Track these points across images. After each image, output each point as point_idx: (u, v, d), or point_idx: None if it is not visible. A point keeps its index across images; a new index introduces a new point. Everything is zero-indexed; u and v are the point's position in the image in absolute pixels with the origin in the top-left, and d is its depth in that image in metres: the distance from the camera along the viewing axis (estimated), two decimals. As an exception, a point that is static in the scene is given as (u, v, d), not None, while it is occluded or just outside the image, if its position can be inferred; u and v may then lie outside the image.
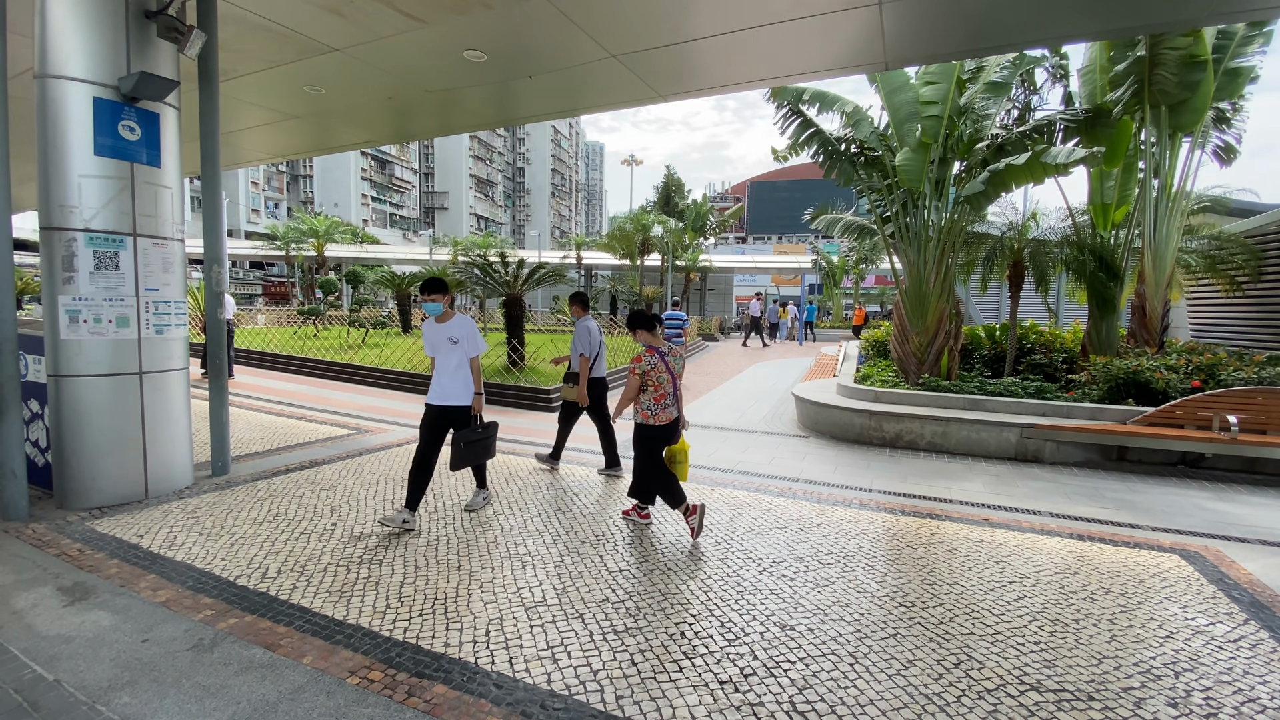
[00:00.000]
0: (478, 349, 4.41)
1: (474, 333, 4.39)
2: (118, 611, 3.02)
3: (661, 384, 4.19)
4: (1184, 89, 8.07)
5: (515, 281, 13.08)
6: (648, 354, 4.25)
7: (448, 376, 4.34)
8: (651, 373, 4.18)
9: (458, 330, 4.37)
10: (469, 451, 4.35)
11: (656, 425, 4.20)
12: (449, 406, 4.34)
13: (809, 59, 6.01)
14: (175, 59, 4.78)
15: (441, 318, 4.42)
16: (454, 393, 4.34)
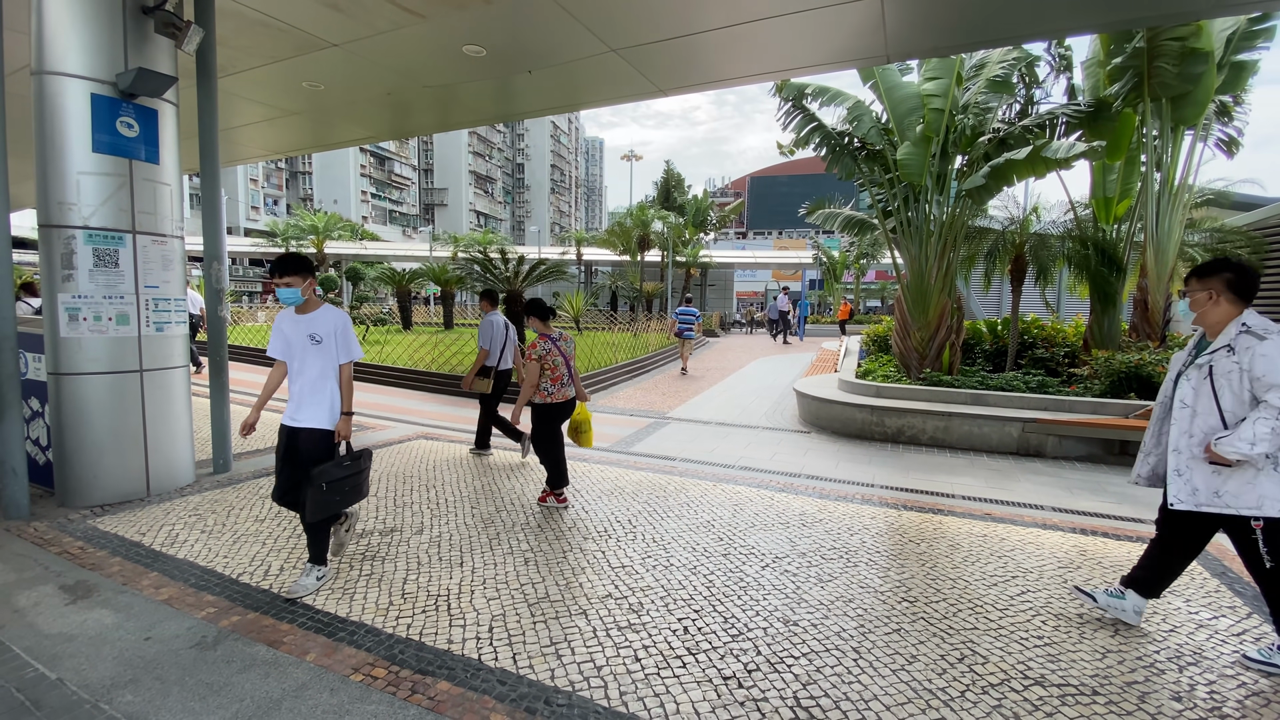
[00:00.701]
0: (350, 353, 3.35)
1: (346, 330, 3.33)
2: (120, 610, 3.02)
3: (556, 366, 4.56)
4: (1185, 81, 8.04)
5: (515, 278, 13.07)
6: (541, 340, 4.57)
7: (307, 389, 3.25)
8: (546, 357, 4.53)
9: (323, 325, 3.29)
10: (331, 494, 3.17)
11: (553, 404, 4.60)
12: (304, 430, 3.24)
13: (810, 52, 5.98)
14: (173, 55, 4.75)
15: (303, 308, 3.34)
16: (312, 411, 3.24)
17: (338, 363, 3.32)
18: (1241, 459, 2.55)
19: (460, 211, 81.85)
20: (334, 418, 3.28)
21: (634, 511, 4.56)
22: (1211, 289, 2.71)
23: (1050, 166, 7.51)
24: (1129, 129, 8.65)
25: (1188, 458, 2.72)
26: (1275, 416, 2.49)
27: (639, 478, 5.45)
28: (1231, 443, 2.55)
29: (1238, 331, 2.64)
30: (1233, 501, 2.62)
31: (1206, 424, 2.69)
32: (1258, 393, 2.57)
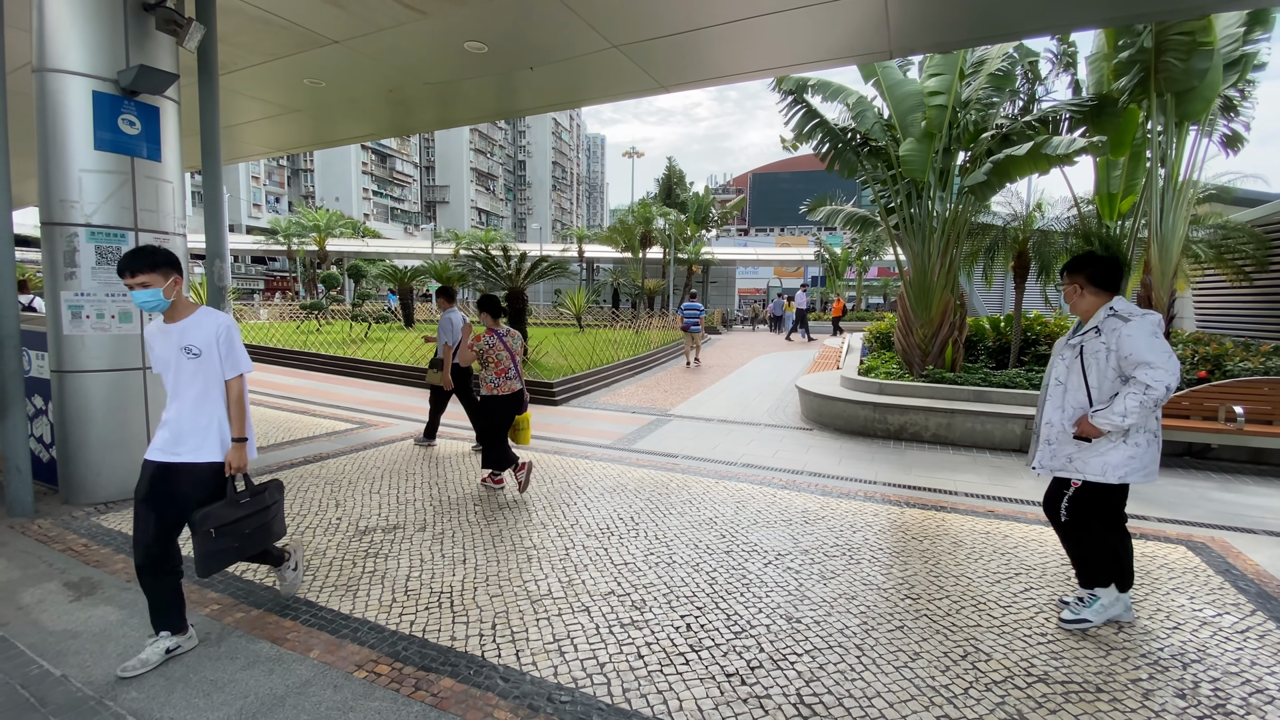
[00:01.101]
0: (238, 366, 2.72)
1: (230, 337, 2.71)
2: (124, 606, 3.02)
3: (501, 360, 4.80)
4: (1191, 77, 7.98)
5: (517, 275, 13.06)
6: (487, 334, 4.84)
7: (186, 414, 2.65)
8: (490, 351, 4.78)
9: (200, 334, 2.66)
10: (223, 541, 2.61)
11: (499, 395, 4.82)
12: (184, 467, 2.62)
13: (813, 48, 5.96)
14: (174, 52, 4.74)
15: (171, 314, 2.70)
16: (195, 442, 2.64)
17: (223, 379, 2.70)
18: (1113, 429, 2.79)
19: (462, 209, 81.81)
20: (224, 446, 2.68)
21: (636, 509, 4.56)
22: (1077, 282, 3.02)
23: (1051, 163, 7.47)
24: (1133, 125, 8.60)
25: (1059, 430, 2.96)
26: (1143, 391, 2.72)
27: (641, 475, 5.45)
28: (1106, 415, 2.78)
29: (1105, 315, 2.92)
30: (1082, 468, 2.89)
31: (1076, 399, 2.94)
32: (1126, 370, 2.80)
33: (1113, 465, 2.84)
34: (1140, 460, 2.84)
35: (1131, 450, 2.83)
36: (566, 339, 17.15)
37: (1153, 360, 2.73)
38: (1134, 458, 2.83)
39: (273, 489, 2.92)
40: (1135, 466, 2.84)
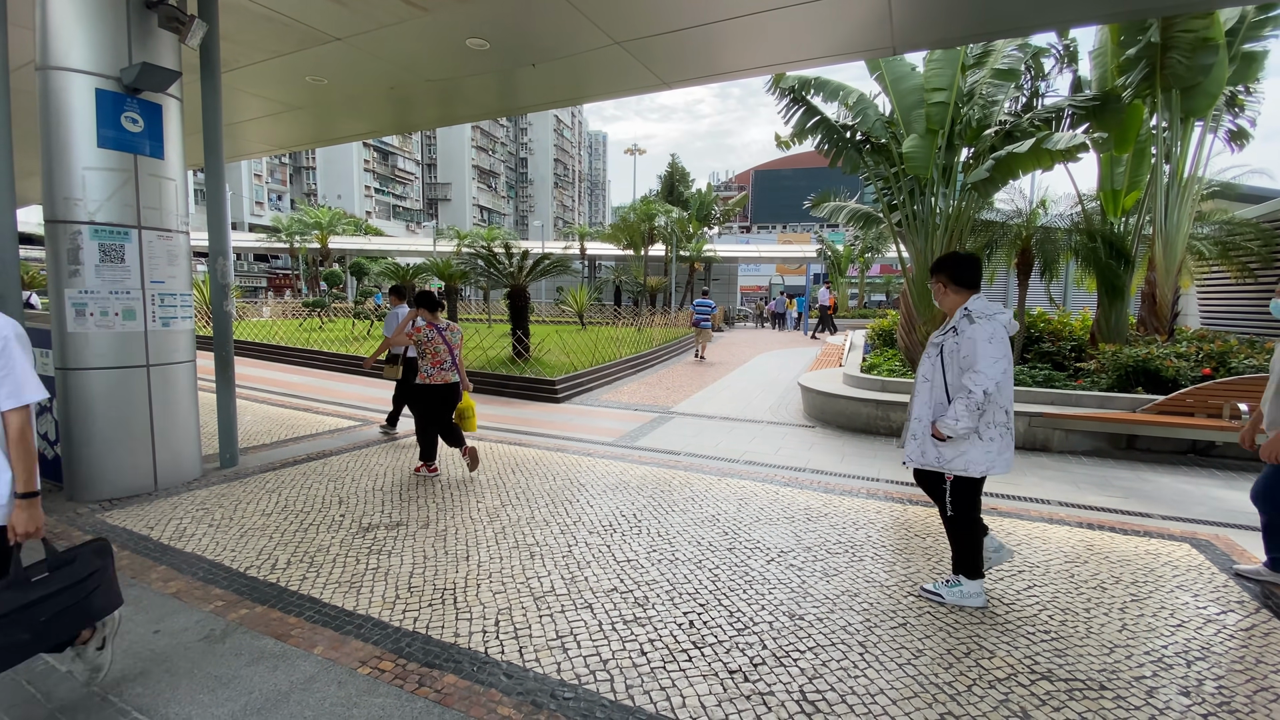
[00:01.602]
0: (18, 394, 2.00)
1: (5, 353, 2.00)
2: (129, 603, 3.03)
3: (439, 353, 5.06)
4: (1197, 73, 7.94)
5: (519, 273, 13.06)
6: (427, 328, 5.08)
7: None
8: (428, 343, 5.06)
9: None
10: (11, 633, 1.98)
11: (433, 385, 5.09)
12: None
13: (816, 44, 5.93)
14: (177, 50, 4.75)
15: None
16: None
17: None
18: (952, 434, 2.94)
19: (464, 206, 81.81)
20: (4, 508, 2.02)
21: (639, 506, 4.57)
22: (940, 281, 3.12)
23: (1054, 159, 7.43)
24: (1137, 121, 8.56)
25: (925, 425, 3.09)
26: (967, 395, 2.88)
27: (643, 472, 5.45)
28: (945, 421, 2.96)
29: (960, 315, 3.02)
30: (949, 464, 3.04)
31: (939, 397, 3.07)
32: (965, 370, 2.95)
33: (974, 461, 2.99)
34: (998, 452, 3.00)
35: (988, 446, 2.98)
36: (568, 337, 17.15)
37: (979, 364, 2.88)
38: (990, 452, 2.99)
39: (88, 555, 2.21)
40: (994, 460, 3.00)
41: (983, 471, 2.99)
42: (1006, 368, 2.90)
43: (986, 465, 2.98)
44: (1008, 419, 3.01)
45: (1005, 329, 2.95)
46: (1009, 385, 2.99)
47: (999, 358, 2.88)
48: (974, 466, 2.98)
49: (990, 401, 2.92)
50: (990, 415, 2.96)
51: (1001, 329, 2.94)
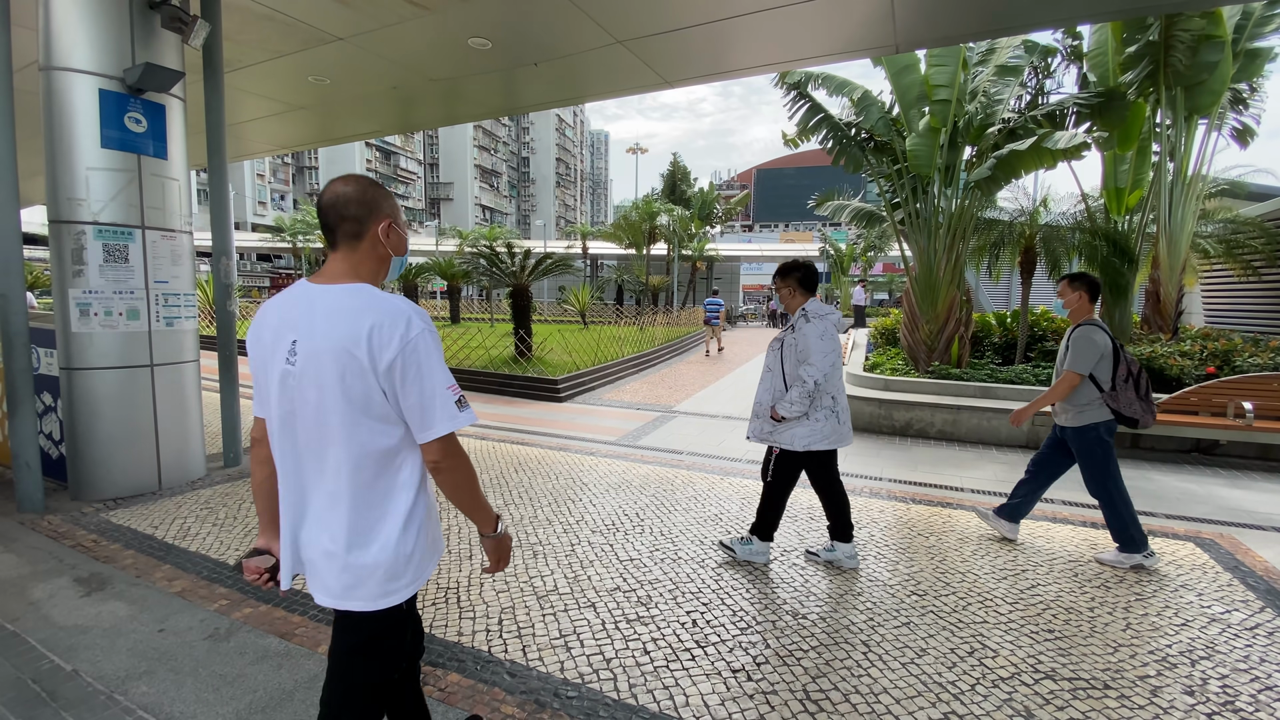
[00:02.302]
0: None
1: None
2: (134, 602, 3.05)
3: None
4: (1200, 70, 7.92)
5: (522, 272, 13.06)
6: None
7: None
8: None
9: None
10: None
11: None
12: None
13: (819, 42, 5.92)
14: (180, 50, 4.75)
15: None
16: None
17: None
18: (789, 415, 3.39)
19: (466, 206, 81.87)
20: None
21: (642, 505, 4.57)
22: (790, 284, 3.51)
23: (1055, 157, 7.42)
24: (1140, 118, 8.54)
25: (765, 407, 3.52)
26: (801, 384, 3.35)
27: (646, 471, 5.45)
28: (783, 405, 3.40)
29: (799, 314, 3.47)
30: (778, 439, 3.48)
31: (777, 384, 3.49)
32: (801, 362, 3.39)
33: (799, 436, 3.43)
34: (821, 432, 3.42)
35: (812, 425, 3.42)
36: (571, 336, 17.15)
37: (811, 358, 3.35)
38: (814, 431, 3.42)
39: None
40: (818, 437, 3.42)
41: (804, 446, 3.43)
42: (835, 360, 3.38)
43: (807, 441, 3.42)
44: (834, 403, 3.45)
45: (835, 327, 3.44)
46: (837, 375, 3.47)
47: (828, 352, 3.35)
48: (799, 441, 3.43)
49: (820, 389, 3.39)
50: (819, 400, 3.42)
51: (831, 327, 3.42)
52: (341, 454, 1.38)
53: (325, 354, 1.34)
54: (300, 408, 1.38)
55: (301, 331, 1.37)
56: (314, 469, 1.41)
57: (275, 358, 1.40)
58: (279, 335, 1.40)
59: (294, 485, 1.43)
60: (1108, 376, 3.60)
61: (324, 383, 1.34)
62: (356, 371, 1.33)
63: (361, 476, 1.40)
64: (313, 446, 1.40)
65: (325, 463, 1.40)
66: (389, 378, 1.35)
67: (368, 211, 1.44)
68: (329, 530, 1.41)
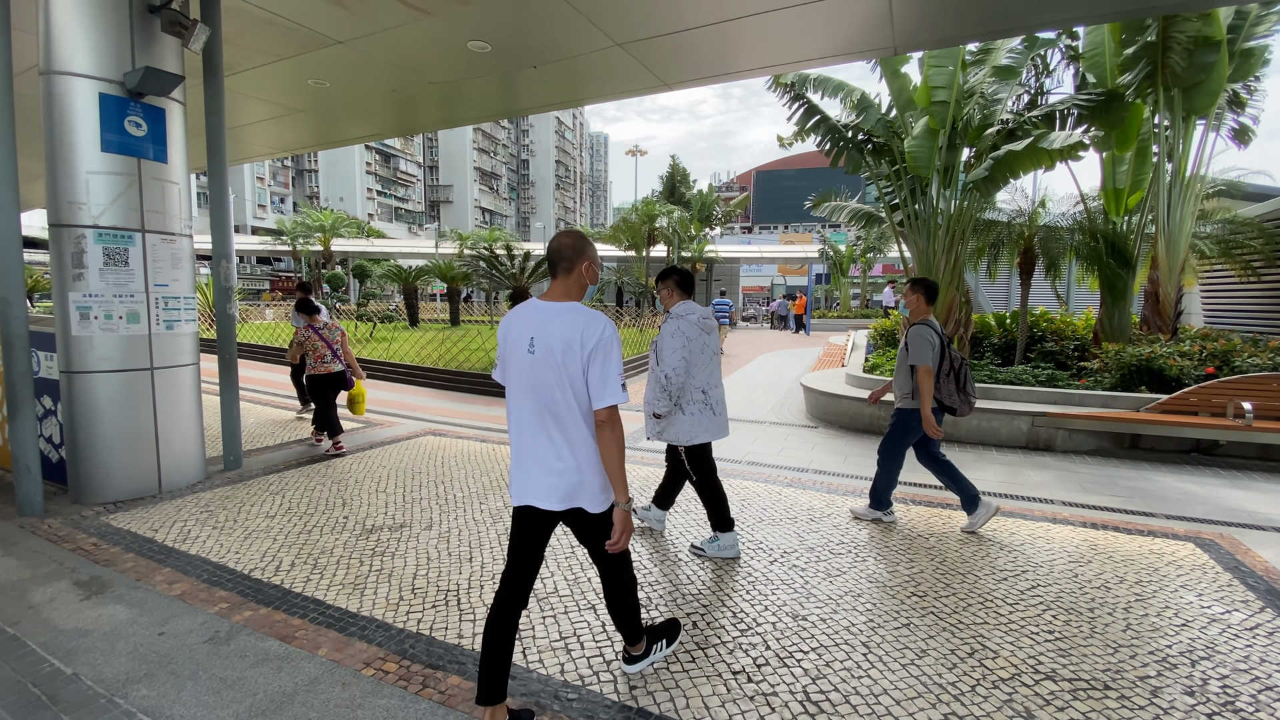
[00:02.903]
0: None
1: None
2: (134, 605, 3.05)
3: (318, 348, 6.04)
4: (1198, 71, 7.92)
5: (522, 274, 13.08)
6: (305, 329, 6.08)
7: None
8: (306, 342, 6.03)
9: None
10: None
11: (318, 375, 6.07)
12: None
13: (817, 44, 5.94)
14: (180, 54, 4.76)
15: None
16: None
17: None
18: (657, 413, 3.57)
19: (466, 208, 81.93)
20: None
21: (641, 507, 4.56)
22: (668, 286, 3.72)
23: (1053, 158, 7.43)
24: (1138, 119, 8.55)
25: (651, 407, 3.68)
26: (655, 383, 3.57)
27: (646, 473, 5.45)
28: (650, 402, 3.62)
29: (668, 316, 3.71)
30: (668, 436, 3.66)
31: (651, 382, 3.69)
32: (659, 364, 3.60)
33: (682, 431, 3.59)
34: (700, 425, 3.60)
35: (689, 419, 3.59)
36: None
37: (664, 355, 3.56)
38: (693, 424, 3.59)
39: None
40: (698, 430, 3.59)
41: (690, 440, 3.60)
42: (686, 356, 3.53)
43: (692, 434, 3.60)
44: (705, 397, 3.62)
45: (696, 325, 3.61)
46: (703, 369, 3.63)
47: (677, 349, 3.53)
48: (683, 435, 3.59)
49: (686, 384, 3.58)
50: (688, 394, 3.59)
51: (688, 325, 3.59)
52: (561, 411, 2.10)
53: (555, 344, 2.06)
54: (535, 382, 2.10)
55: (538, 331, 2.10)
56: (551, 421, 2.12)
57: (519, 347, 2.13)
58: (521, 333, 2.14)
59: (536, 428, 2.14)
60: (943, 370, 4.04)
61: (550, 367, 2.07)
62: (574, 355, 2.05)
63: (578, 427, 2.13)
64: (552, 405, 2.10)
65: (557, 416, 2.11)
66: (589, 359, 2.06)
67: (577, 255, 2.17)
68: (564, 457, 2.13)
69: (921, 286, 4.16)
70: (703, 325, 3.65)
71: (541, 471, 2.12)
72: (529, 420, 2.13)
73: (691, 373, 3.58)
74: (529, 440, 2.14)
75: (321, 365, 6.05)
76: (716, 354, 3.75)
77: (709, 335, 3.67)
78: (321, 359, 6.05)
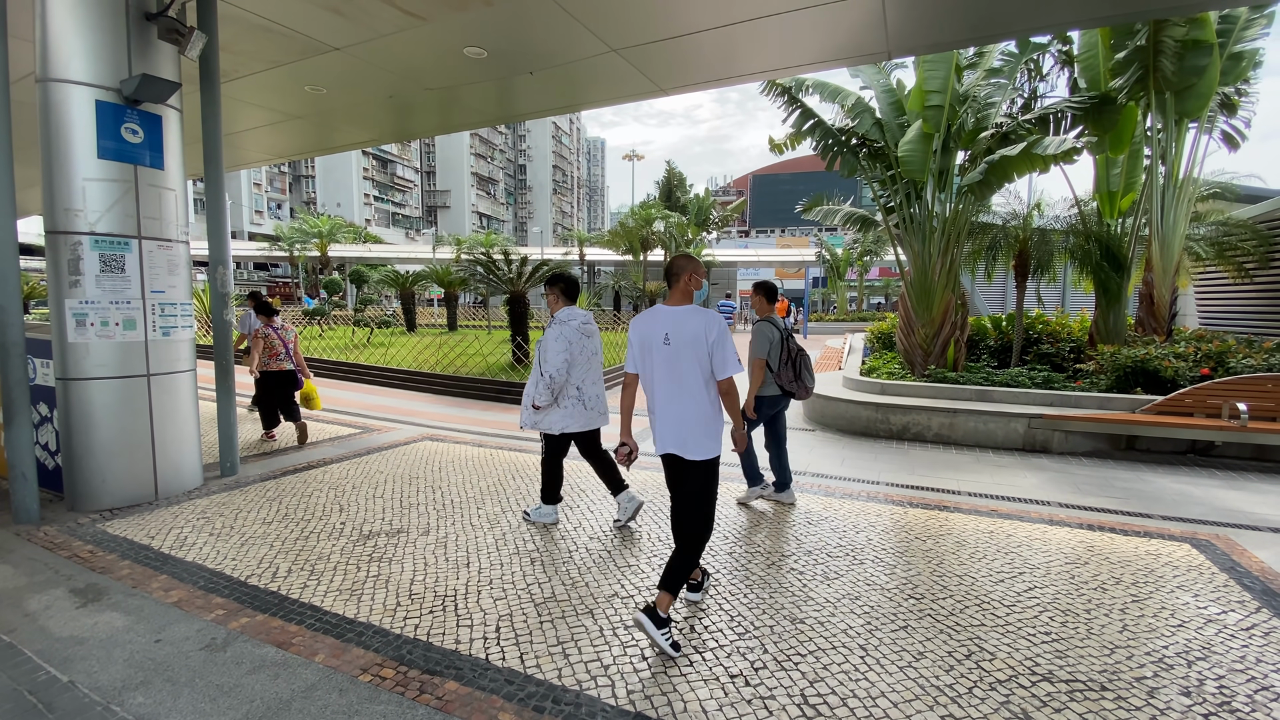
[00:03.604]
0: None
1: None
2: (130, 612, 3.04)
3: (274, 346, 6.58)
4: (1189, 74, 7.99)
5: (519, 279, 13.08)
6: (264, 328, 6.62)
7: None
8: (264, 340, 6.54)
9: None
10: None
11: (270, 372, 6.57)
12: None
13: (811, 49, 5.97)
14: (176, 61, 4.78)
15: None
16: None
17: None
18: (541, 403, 4.06)
19: (463, 213, 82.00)
20: None
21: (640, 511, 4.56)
22: (555, 291, 4.19)
23: (1047, 161, 7.47)
24: (1131, 123, 8.61)
25: (529, 398, 4.14)
26: (538, 381, 4.06)
27: (644, 477, 5.45)
28: (533, 395, 4.10)
29: (554, 320, 4.14)
30: (541, 425, 4.17)
31: (535, 377, 4.11)
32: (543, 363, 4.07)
33: (555, 422, 4.13)
34: (572, 417, 4.12)
35: (564, 412, 4.11)
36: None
37: (549, 358, 4.01)
38: (566, 416, 4.11)
39: None
40: (570, 421, 4.12)
41: (562, 429, 4.12)
42: (568, 358, 4.01)
43: (563, 425, 4.11)
44: (580, 394, 4.12)
45: (577, 330, 4.08)
46: (581, 369, 4.10)
47: (560, 351, 4.01)
48: (555, 425, 4.13)
49: (565, 381, 4.06)
50: (566, 390, 4.09)
51: (570, 330, 4.05)
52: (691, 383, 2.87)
53: (687, 337, 2.83)
54: (674, 364, 2.87)
55: (671, 329, 2.87)
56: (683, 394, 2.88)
57: (655, 341, 2.90)
58: (655, 330, 2.91)
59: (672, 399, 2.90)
60: (776, 361, 4.60)
61: (685, 353, 2.84)
62: (701, 345, 2.83)
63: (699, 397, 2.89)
64: (682, 383, 2.87)
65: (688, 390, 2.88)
66: (712, 347, 2.83)
67: (680, 270, 2.98)
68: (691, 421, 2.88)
69: (762, 290, 4.78)
70: (583, 330, 4.13)
71: (672, 424, 2.90)
72: (665, 391, 2.92)
73: (570, 372, 4.06)
74: (662, 404, 2.94)
75: (275, 362, 6.59)
76: (595, 354, 4.22)
77: (589, 339, 4.16)
78: (276, 356, 6.60)
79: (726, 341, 2.84)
